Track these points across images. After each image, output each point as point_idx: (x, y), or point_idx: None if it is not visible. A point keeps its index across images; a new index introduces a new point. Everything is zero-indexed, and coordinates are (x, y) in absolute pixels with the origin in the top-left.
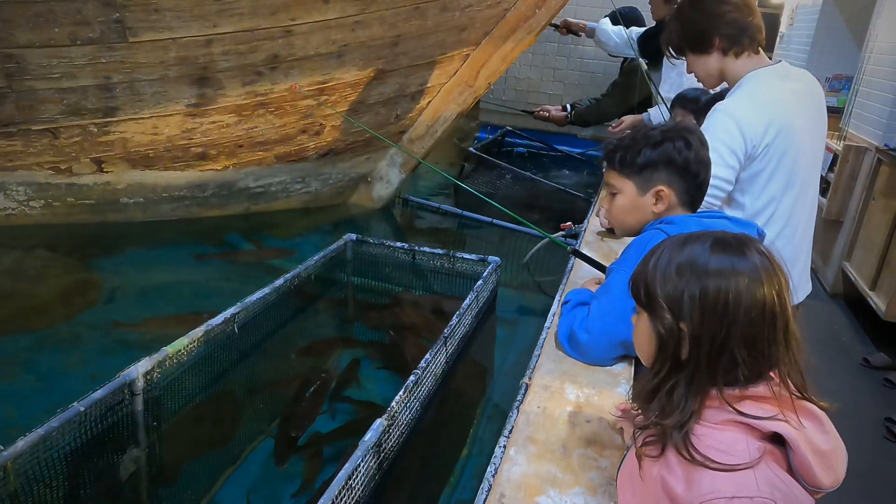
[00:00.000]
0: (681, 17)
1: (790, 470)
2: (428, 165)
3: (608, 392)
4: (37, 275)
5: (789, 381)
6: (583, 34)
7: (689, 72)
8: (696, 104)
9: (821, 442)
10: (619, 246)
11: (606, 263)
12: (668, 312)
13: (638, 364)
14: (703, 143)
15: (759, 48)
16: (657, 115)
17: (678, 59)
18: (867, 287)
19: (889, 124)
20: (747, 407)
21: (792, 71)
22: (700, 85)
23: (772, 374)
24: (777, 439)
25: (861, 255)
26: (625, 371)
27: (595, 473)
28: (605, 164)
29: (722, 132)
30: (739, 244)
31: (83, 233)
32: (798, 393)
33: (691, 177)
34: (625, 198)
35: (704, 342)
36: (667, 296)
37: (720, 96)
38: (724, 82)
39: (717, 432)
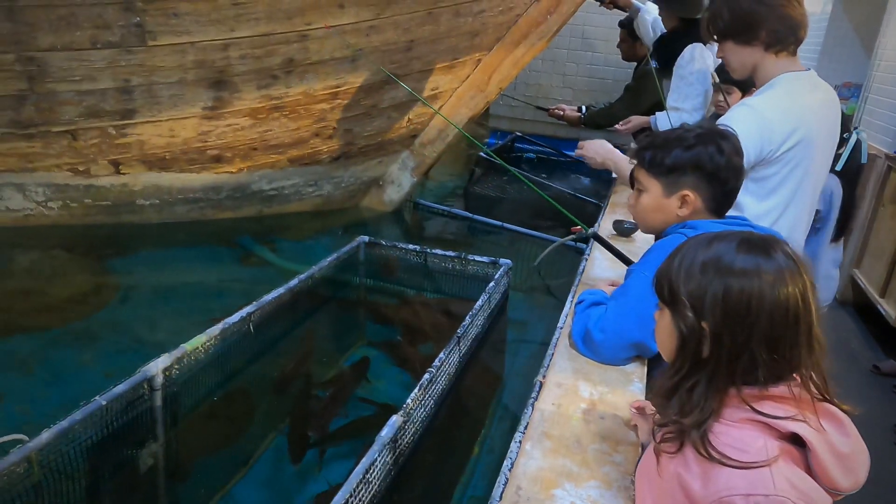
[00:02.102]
0: (732, 2)
1: (808, 471)
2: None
3: (621, 390)
4: (53, 274)
5: (811, 384)
6: (628, 11)
7: (720, 56)
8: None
9: (841, 444)
10: (629, 250)
11: (615, 269)
12: (690, 310)
13: (650, 364)
14: (738, 151)
15: (796, 50)
16: (664, 119)
17: (717, 42)
18: (877, 294)
19: None
20: (767, 407)
21: (819, 82)
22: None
23: (794, 375)
24: (796, 440)
25: (870, 262)
26: (637, 370)
27: (610, 468)
28: (636, 159)
29: (741, 128)
30: (765, 244)
31: (99, 233)
32: (819, 395)
33: (720, 184)
34: (650, 197)
35: (725, 341)
36: (690, 293)
37: None
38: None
39: (735, 430)
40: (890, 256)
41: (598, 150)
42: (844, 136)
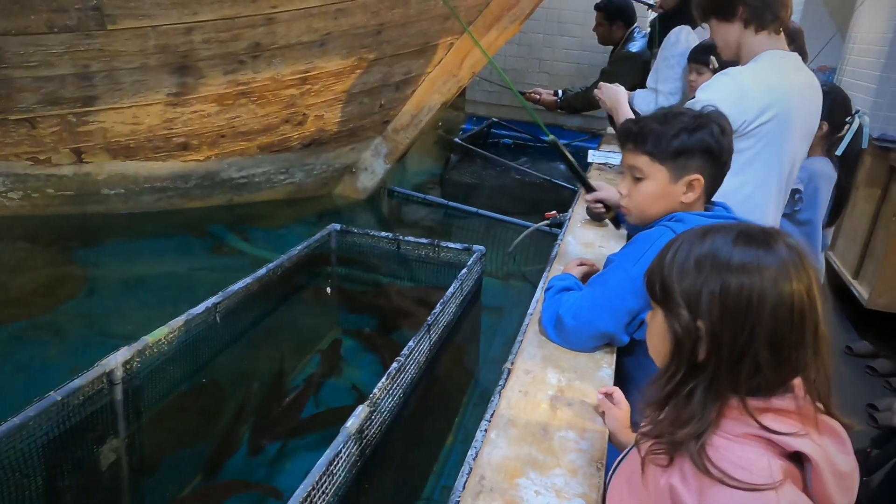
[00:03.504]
0: None
1: (806, 490)
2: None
3: (590, 376)
4: (16, 267)
5: (815, 392)
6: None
7: (712, 39)
8: (712, 52)
9: (841, 463)
10: (603, 235)
11: (589, 254)
12: (685, 309)
13: (620, 351)
14: (731, 130)
15: (781, 29)
16: (642, 97)
17: (705, 22)
18: (850, 276)
19: (872, 115)
20: (769, 420)
21: (803, 66)
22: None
23: (797, 380)
24: (796, 457)
25: (844, 244)
26: (607, 356)
27: (576, 455)
28: (628, 145)
29: (718, 95)
30: (766, 237)
31: (64, 224)
32: (822, 407)
33: (721, 165)
34: (654, 184)
35: (725, 342)
36: (684, 291)
37: None
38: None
39: (738, 446)
40: (863, 239)
41: (611, 95)
42: (847, 119)
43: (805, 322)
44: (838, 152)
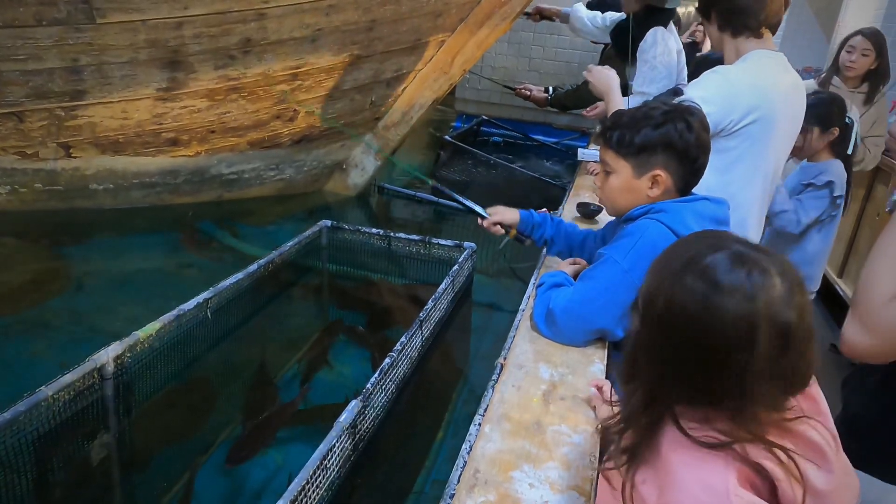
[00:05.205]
0: None
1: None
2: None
3: (582, 371)
4: (3, 262)
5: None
6: (557, 19)
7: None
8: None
9: (817, 480)
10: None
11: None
12: (640, 309)
13: (613, 347)
14: (706, 127)
15: (764, 33)
16: (634, 103)
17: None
18: (835, 275)
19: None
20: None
21: (790, 68)
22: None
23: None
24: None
25: None
26: (598, 351)
27: (569, 449)
28: (600, 140)
29: (707, 93)
30: (738, 260)
31: (51, 220)
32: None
33: (689, 161)
34: (619, 179)
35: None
36: (642, 292)
37: None
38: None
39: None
40: (847, 238)
41: (602, 80)
42: (847, 121)
43: (724, 353)
44: (849, 151)
